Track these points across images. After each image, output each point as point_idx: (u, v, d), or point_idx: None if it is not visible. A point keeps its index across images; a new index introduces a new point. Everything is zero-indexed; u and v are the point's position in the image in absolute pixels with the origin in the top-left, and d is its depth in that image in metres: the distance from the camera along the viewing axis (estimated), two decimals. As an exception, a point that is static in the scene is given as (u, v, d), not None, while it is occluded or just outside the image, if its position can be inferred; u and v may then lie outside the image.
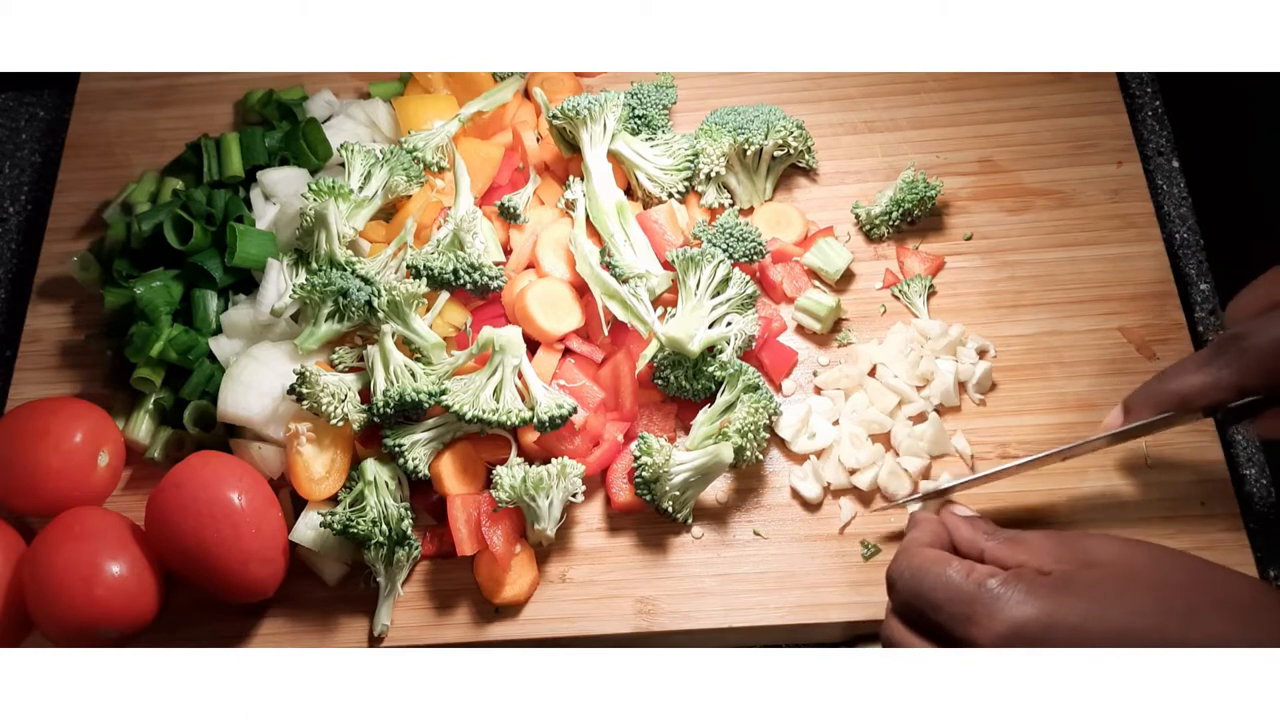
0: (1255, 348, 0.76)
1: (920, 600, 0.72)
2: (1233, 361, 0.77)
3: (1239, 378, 0.77)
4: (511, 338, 0.91)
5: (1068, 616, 0.66)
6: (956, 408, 0.95)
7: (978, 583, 0.70)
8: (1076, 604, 0.67)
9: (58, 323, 1.07)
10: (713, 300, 0.93)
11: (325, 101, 1.14)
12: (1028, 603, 0.67)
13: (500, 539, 0.89)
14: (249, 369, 0.94)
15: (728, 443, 0.89)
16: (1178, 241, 1.07)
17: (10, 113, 1.25)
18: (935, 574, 0.72)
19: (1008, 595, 0.68)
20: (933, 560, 0.73)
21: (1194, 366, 0.79)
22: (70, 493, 0.94)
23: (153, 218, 1.02)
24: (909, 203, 1.02)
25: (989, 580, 0.69)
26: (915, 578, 0.73)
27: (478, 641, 0.90)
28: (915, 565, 0.74)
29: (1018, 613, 0.67)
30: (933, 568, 0.72)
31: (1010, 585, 0.69)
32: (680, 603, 0.90)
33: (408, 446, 0.91)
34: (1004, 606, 0.68)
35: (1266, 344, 0.75)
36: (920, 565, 0.73)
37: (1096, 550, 0.71)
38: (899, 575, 0.75)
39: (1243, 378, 0.77)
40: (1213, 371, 0.78)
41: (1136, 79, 1.15)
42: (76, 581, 0.85)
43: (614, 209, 0.99)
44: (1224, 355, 0.78)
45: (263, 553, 0.88)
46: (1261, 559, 0.91)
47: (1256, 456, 0.97)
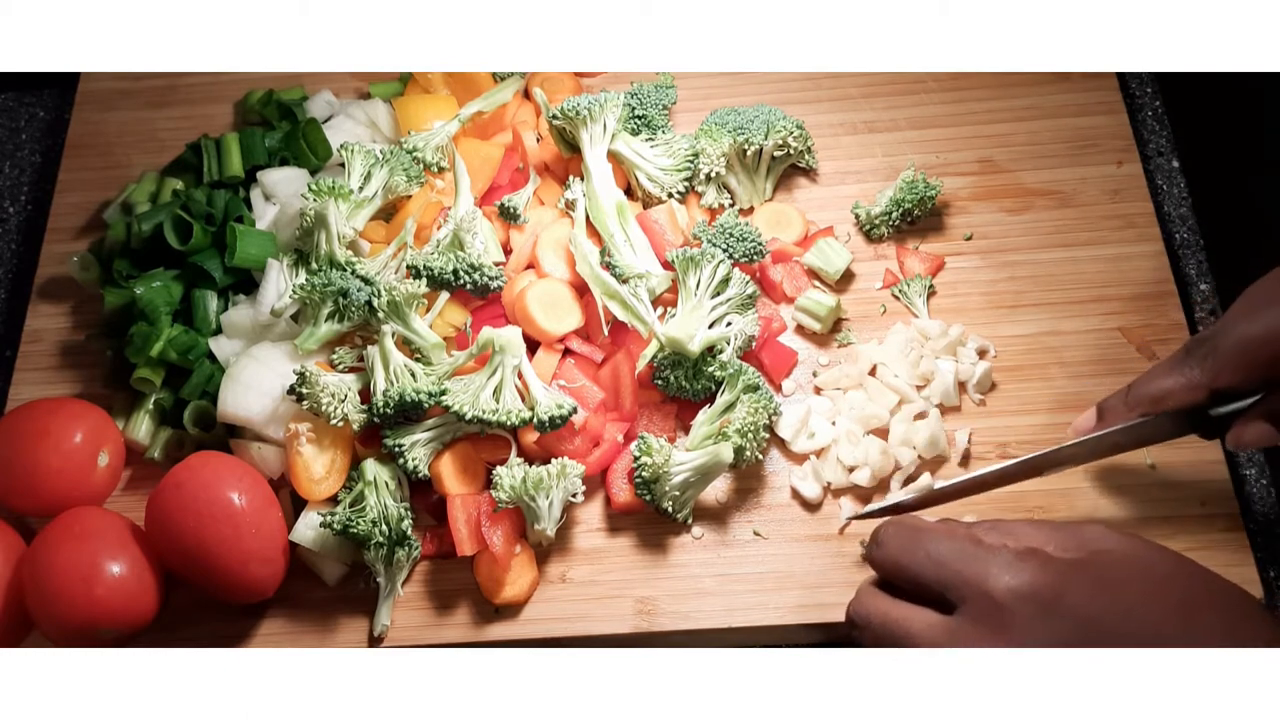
0: (1225, 346, 0.76)
1: (920, 560, 0.70)
2: (1203, 360, 0.77)
3: (1210, 377, 0.77)
4: (511, 338, 0.91)
5: (1078, 592, 0.66)
6: (956, 407, 0.95)
7: (990, 545, 0.68)
8: (1084, 581, 0.66)
9: (58, 323, 1.07)
10: (713, 300, 0.93)
11: (325, 101, 1.14)
12: (1043, 571, 0.66)
13: (500, 539, 0.89)
14: (249, 369, 0.94)
15: (728, 443, 0.89)
16: (1178, 241, 1.07)
17: (10, 113, 1.25)
18: (940, 534, 0.70)
19: (1020, 563, 0.67)
20: (934, 525, 0.72)
21: (1166, 368, 0.80)
22: (70, 493, 0.94)
23: (153, 218, 1.02)
24: (909, 203, 1.02)
25: (1003, 544, 0.68)
26: (914, 538, 0.71)
27: (478, 641, 0.90)
28: (912, 526, 0.72)
29: (1032, 577, 0.66)
30: (936, 528, 0.71)
31: (1024, 557, 0.67)
32: (680, 603, 0.90)
33: (408, 446, 0.91)
34: (1018, 569, 0.67)
35: (1236, 341, 0.75)
36: (920, 527, 0.72)
37: (1096, 539, 0.69)
38: (889, 538, 0.73)
39: (1214, 377, 0.77)
40: (1185, 371, 0.78)
41: (1136, 79, 1.15)
42: (76, 581, 0.85)
43: (614, 209, 0.99)
44: (1194, 355, 0.78)
45: (263, 553, 0.88)
46: (1261, 559, 0.91)
47: (1256, 457, 0.97)
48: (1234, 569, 0.87)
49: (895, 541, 0.73)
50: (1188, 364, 0.78)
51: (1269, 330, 0.74)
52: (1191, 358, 0.78)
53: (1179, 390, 0.78)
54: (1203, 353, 0.77)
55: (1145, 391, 0.80)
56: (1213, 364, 0.76)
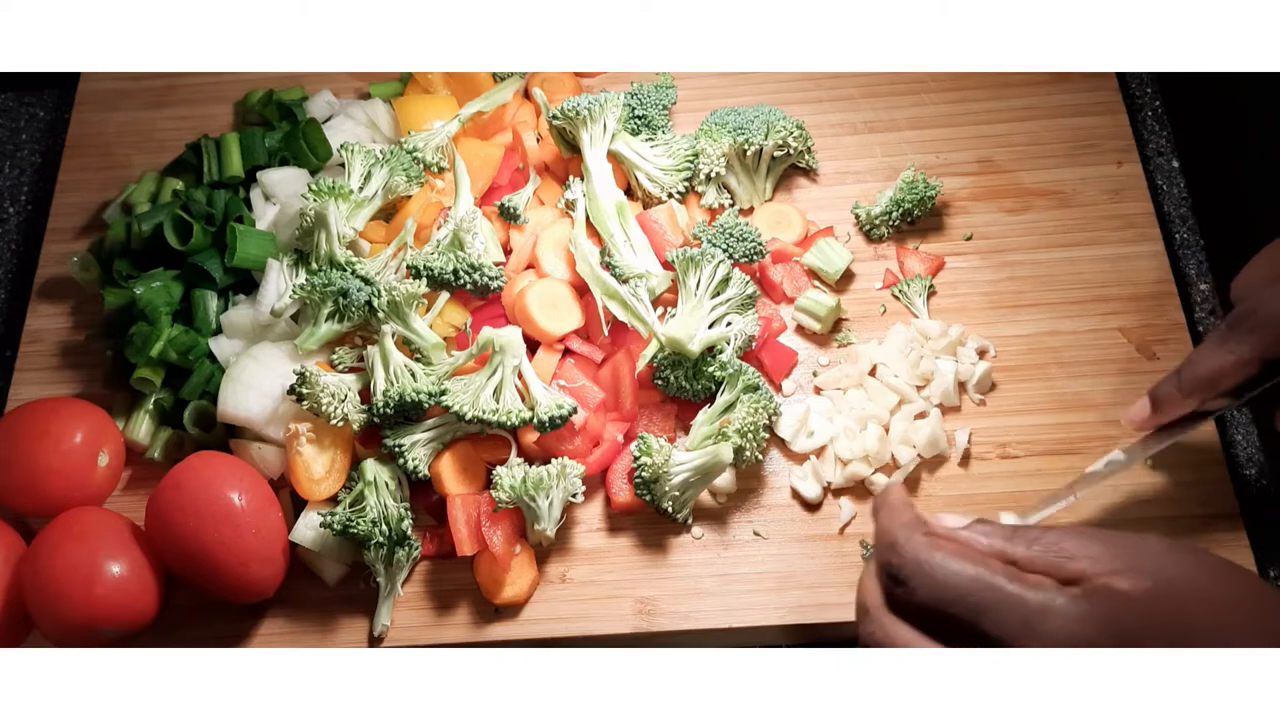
0: (1270, 317, 0.74)
1: (951, 604, 0.60)
2: (1249, 335, 0.75)
3: (1260, 350, 0.75)
4: (511, 338, 0.91)
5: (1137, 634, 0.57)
6: (956, 407, 0.95)
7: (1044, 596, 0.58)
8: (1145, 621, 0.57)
9: (58, 323, 1.07)
10: (713, 300, 0.94)
11: (325, 102, 1.14)
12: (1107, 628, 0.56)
13: (500, 539, 0.89)
14: (249, 369, 0.94)
15: (728, 443, 0.89)
16: (1178, 241, 1.07)
17: (10, 113, 1.25)
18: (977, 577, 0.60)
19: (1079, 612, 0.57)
20: (962, 556, 0.61)
21: (1213, 347, 0.77)
22: (70, 493, 0.94)
23: (153, 218, 1.02)
24: (909, 203, 1.02)
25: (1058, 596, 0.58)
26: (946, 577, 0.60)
27: (478, 642, 0.90)
28: (938, 562, 0.61)
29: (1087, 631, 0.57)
30: (967, 567, 0.60)
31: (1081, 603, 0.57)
32: (680, 603, 0.90)
33: (408, 447, 0.91)
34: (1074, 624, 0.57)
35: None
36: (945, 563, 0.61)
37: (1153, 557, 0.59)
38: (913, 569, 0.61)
39: (1264, 349, 0.75)
40: (1233, 348, 0.76)
41: (1136, 79, 1.15)
42: (76, 581, 0.85)
43: (614, 209, 0.99)
44: (1239, 330, 0.76)
45: (263, 553, 0.88)
46: (1261, 559, 0.91)
47: (1256, 457, 0.97)
48: None
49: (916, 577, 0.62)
50: (1234, 339, 0.76)
51: None
52: (1237, 332, 0.76)
53: (1231, 368, 0.76)
54: (1249, 326, 0.76)
55: (1198, 374, 0.78)
56: (1260, 338, 0.75)
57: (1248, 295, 0.77)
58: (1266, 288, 0.76)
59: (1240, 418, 0.98)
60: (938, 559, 0.61)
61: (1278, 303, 0.74)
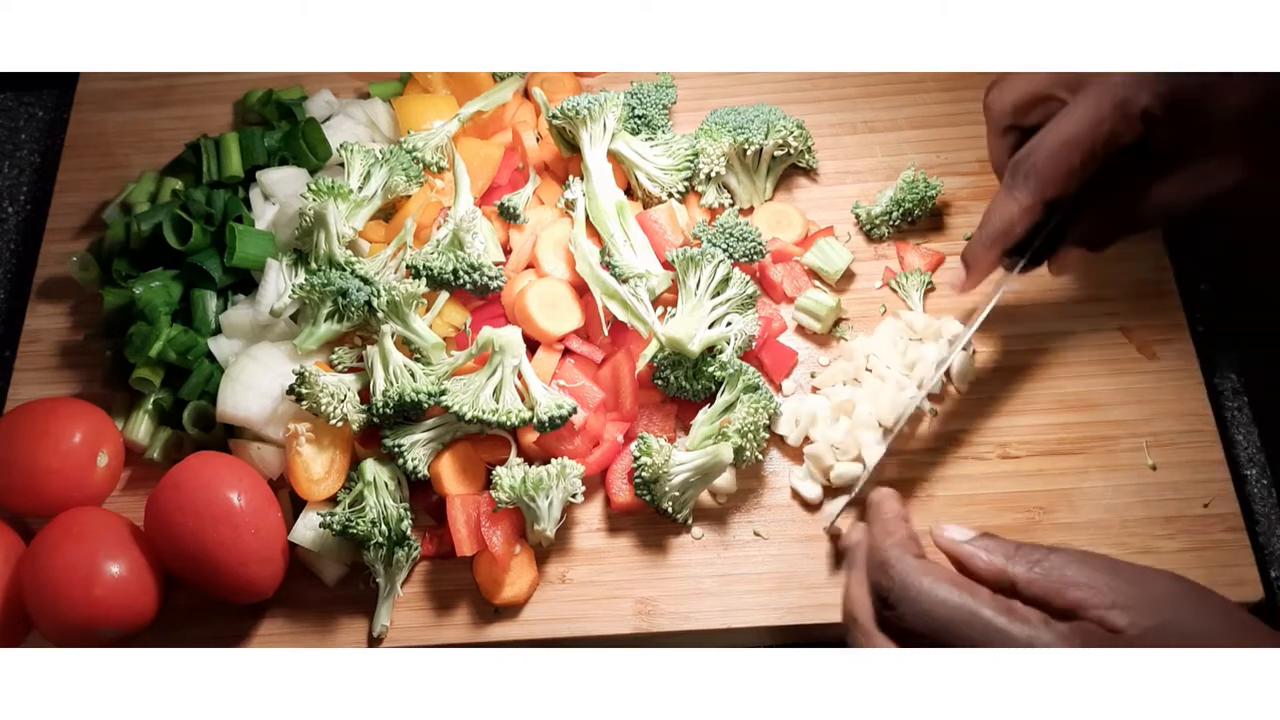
0: (1040, 160, 0.79)
1: (939, 632, 0.60)
2: (1026, 179, 0.80)
3: (1037, 194, 0.79)
4: (511, 338, 0.91)
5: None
6: (939, 396, 0.95)
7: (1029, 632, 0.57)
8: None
9: (57, 323, 1.07)
10: (713, 300, 0.93)
11: (325, 101, 1.14)
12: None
13: (500, 539, 0.89)
14: (248, 369, 0.94)
15: (728, 443, 0.89)
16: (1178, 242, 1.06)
17: (10, 113, 1.25)
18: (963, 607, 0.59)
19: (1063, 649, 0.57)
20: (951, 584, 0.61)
21: (1001, 198, 0.82)
22: (70, 493, 0.94)
23: (152, 218, 1.02)
24: (909, 203, 1.02)
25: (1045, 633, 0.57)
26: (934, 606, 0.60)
27: (477, 642, 0.90)
28: (926, 587, 0.61)
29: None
30: (954, 595, 0.60)
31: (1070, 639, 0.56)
32: (680, 603, 0.90)
33: (407, 447, 0.91)
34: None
35: (1048, 153, 0.78)
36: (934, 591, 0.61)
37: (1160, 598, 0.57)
38: (901, 594, 0.62)
39: (1040, 192, 0.79)
40: (1016, 195, 0.80)
41: (1136, 79, 1.15)
42: (76, 581, 0.85)
43: (614, 209, 0.99)
44: (1018, 176, 0.80)
45: (262, 553, 0.88)
46: (1261, 559, 0.91)
47: (1257, 457, 0.97)
48: (1234, 569, 0.87)
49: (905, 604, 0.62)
50: (1015, 188, 0.80)
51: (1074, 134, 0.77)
52: (1016, 180, 0.80)
53: (1019, 215, 0.81)
54: (1024, 171, 0.80)
55: (994, 226, 0.82)
56: (1035, 181, 0.79)
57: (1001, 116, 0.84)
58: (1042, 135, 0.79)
59: (1240, 418, 0.98)
60: (926, 584, 0.62)
61: (1044, 147, 0.79)
